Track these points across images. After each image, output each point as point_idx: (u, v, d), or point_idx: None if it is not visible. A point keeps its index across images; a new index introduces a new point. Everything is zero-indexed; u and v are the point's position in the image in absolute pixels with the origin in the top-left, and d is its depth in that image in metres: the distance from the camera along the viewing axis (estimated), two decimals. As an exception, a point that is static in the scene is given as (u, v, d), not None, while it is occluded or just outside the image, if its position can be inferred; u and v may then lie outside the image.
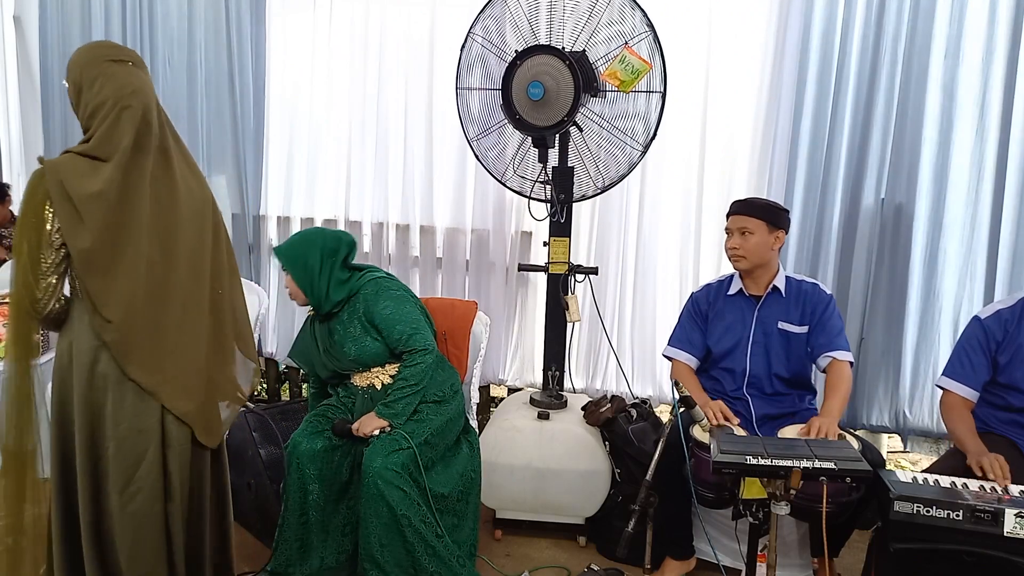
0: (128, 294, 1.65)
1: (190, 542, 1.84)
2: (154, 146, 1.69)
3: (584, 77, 2.58)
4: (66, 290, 1.70)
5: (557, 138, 2.74)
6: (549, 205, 2.84)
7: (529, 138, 2.77)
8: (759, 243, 2.37)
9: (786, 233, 2.46)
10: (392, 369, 2.36)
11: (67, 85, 1.70)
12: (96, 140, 1.63)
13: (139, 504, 1.72)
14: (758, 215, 2.38)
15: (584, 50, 2.64)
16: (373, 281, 2.35)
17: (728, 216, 2.46)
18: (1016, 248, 2.89)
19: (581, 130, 2.74)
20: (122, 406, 1.69)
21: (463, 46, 2.79)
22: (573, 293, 2.93)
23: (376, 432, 2.24)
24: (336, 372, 2.41)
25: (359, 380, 2.39)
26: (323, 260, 2.30)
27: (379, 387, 2.36)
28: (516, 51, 2.65)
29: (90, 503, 1.71)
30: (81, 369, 1.68)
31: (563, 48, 2.62)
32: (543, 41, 2.66)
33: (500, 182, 2.92)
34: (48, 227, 1.59)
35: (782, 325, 2.42)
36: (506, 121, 2.74)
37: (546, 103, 2.58)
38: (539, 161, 2.76)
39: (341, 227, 3.64)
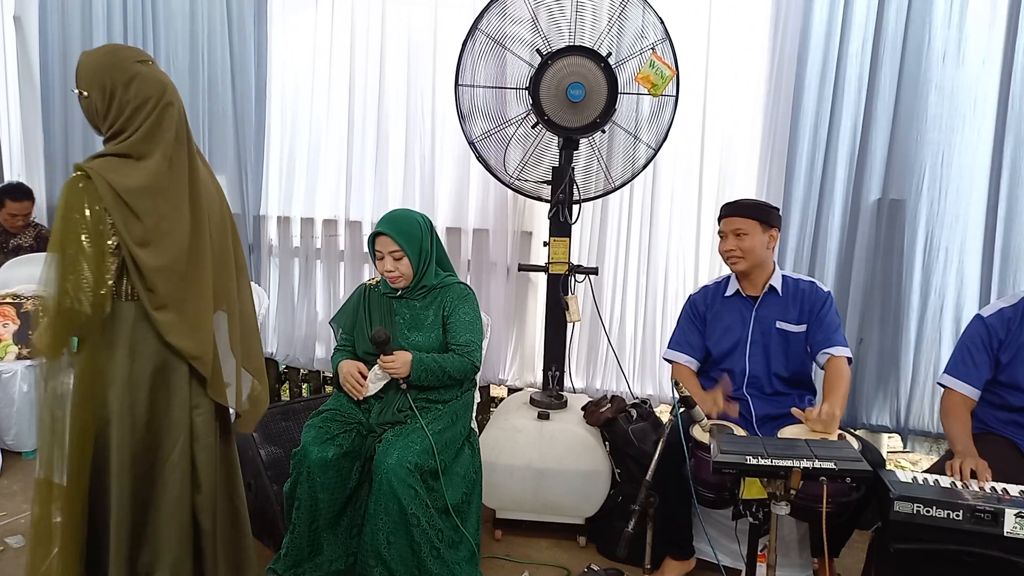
0: (174, 274, 1.73)
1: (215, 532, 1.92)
2: (187, 138, 1.78)
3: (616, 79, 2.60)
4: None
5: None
6: (550, 205, 2.84)
7: (536, 139, 2.78)
8: (755, 244, 2.38)
9: (779, 231, 2.46)
10: None
11: (83, 92, 1.71)
12: (136, 139, 1.69)
13: (172, 492, 1.79)
14: (751, 215, 2.38)
15: (611, 52, 2.65)
16: (466, 286, 2.48)
17: (720, 219, 2.45)
18: (1016, 247, 2.90)
19: (604, 131, 2.74)
20: (168, 396, 1.77)
21: (466, 41, 2.75)
22: (573, 293, 2.93)
23: (391, 373, 2.27)
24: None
25: None
26: (433, 244, 2.41)
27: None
28: (539, 51, 2.66)
29: (132, 495, 1.76)
30: (137, 365, 1.74)
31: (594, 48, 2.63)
32: (555, 41, 2.67)
33: (504, 183, 2.92)
34: (105, 229, 1.64)
35: (780, 325, 2.42)
36: (510, 121, 2.74)
37: (581, 105, 2.58)
38: (564, 162, 2.78)
39: (341, 227, 3.65)
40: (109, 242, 1.65)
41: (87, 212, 1.62)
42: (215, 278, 1.83)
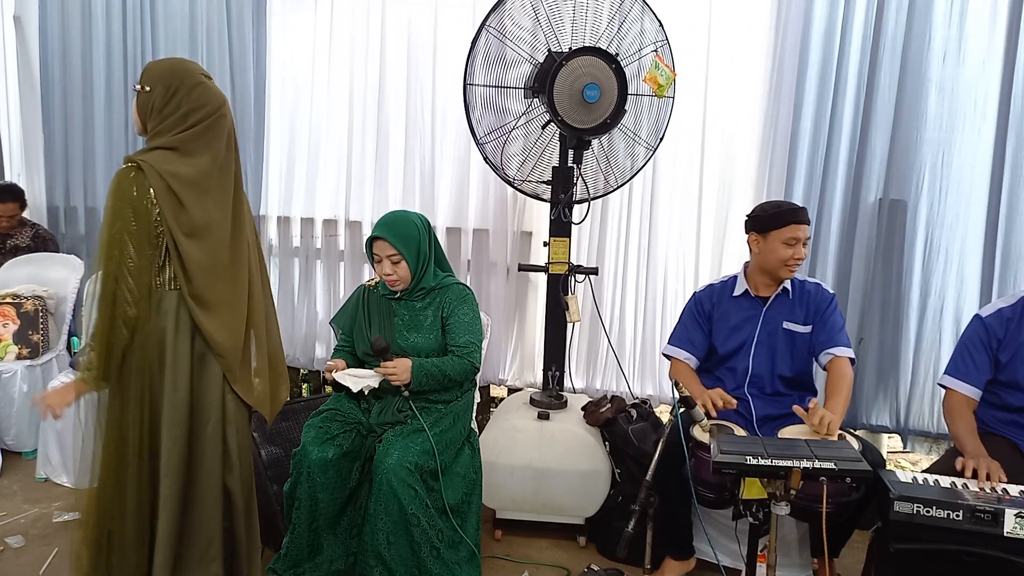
0: (212, 271, 1.83)
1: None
2: (236, 150, 1.92)
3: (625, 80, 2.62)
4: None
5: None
6: (551, 206, 2.84)
7: (540, 139, 2.79)
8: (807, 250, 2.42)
9: None
10: None
11: (145, 87, 1.81)
12: (187, 136, 1.80)
13: (205, 471, 1.88)
14: (809, 222, 2.40)
15: (617, 53, 2.65)
16: (465, 287, 2.46)
17: (787, 224, 2.33)
18: (1017, 247, 2.90)
19: (610, 132, 2.75)
20: (203, 379, 1.86)
21: (475, 40, 2.71)
22: (573, 293, 2.93)
23: (393, 381, 2.26)
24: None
25: None
26: (431, 246, 2.40)
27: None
28: (551, 51, 2.66)
29: (180, 479, 1.85)
30: (179, 350, 1.83)
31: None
32: (562, 41, 2.67)
33: (510, 183, 2.91)
34: (152, 219, 1.73)
35: (787, 325, 2.42)
36: (517, 121, 2.74)
37: (594, 105, 2.59)
38: (573, 162, 2.78)
39: (341, 227, 3.64)
40: (157, 228, 1.75)
41: (137, 201, 1.72)
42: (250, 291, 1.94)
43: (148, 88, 1.80)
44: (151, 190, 1.72)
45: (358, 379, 2.30)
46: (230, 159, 1.89)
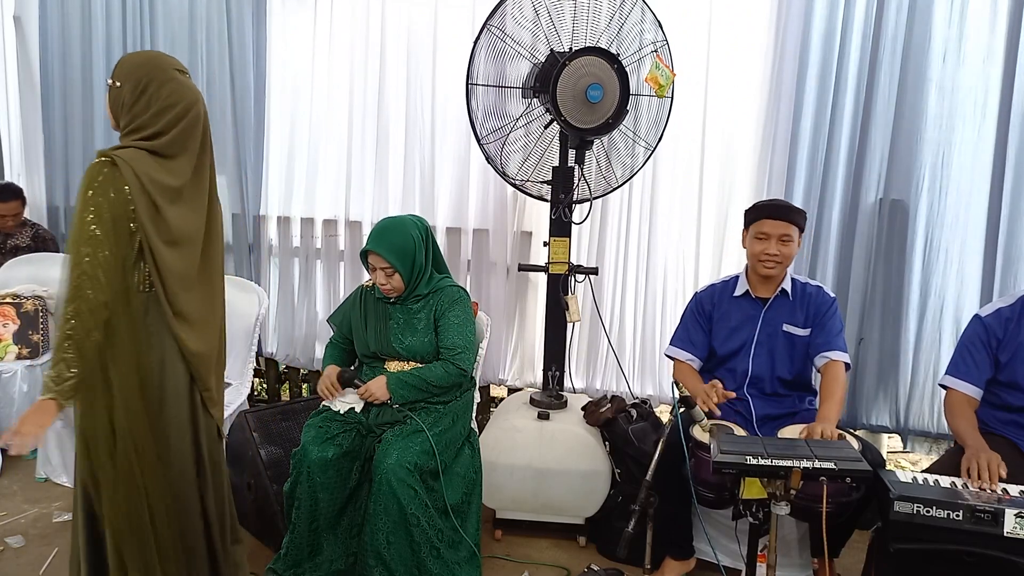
0: (189, 280, 1.79)
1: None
2: (210, 149, 1.86)
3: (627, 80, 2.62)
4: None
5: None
6: (551, 205, 2.84)
7: (541, 139, 2.80)
8: (794, 250, 2.38)
9: None
10: None
11: (116, 83, 1.75)
12: (166, 141, 1.74)
13: (181, 481, 1.84)
14: (796, 221, 2.36)
15: (618, 53, 2.65)
16: (459, 288, 2.46)
17: (759, 219, 2.38)
18: (1015, 247, 2.90)
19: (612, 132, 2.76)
20: (176, 387, 1.81)
21: (478, 40, 2.70)
22: (573, 293, 2.93)
23: (374, 400, 2.31)
24: (374, 352, 2.42)
25: (393, 367, 2.40)
26: (428, 254, 2.39)
27: None
28: (554, 51, 2.66)
29: (160, 484, 1.81)
30: (150, 355, 1.78)
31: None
32: (563, 41, 2.68)
33: (512, 183, 2.91)
34: (127, 217, 1.65)
35: (787, 328, 2.42)
36: (518, 120, 2.74)
37: (596, 105, 2.59)
38: (575, 162, 2.78)
39: (341, 227, 3.64)
40: (132, 225, 1.67)
41: (111, 195, 1.63)
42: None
43: (119, 83, 1.73)
44: (125, 187, 1.64)
45: (345, 403, 2.35)
46: (204, 161, 1.83)
